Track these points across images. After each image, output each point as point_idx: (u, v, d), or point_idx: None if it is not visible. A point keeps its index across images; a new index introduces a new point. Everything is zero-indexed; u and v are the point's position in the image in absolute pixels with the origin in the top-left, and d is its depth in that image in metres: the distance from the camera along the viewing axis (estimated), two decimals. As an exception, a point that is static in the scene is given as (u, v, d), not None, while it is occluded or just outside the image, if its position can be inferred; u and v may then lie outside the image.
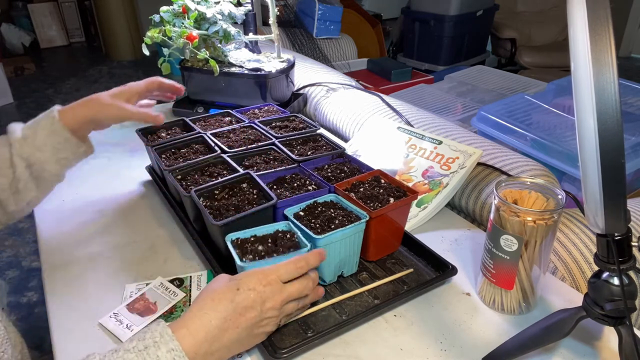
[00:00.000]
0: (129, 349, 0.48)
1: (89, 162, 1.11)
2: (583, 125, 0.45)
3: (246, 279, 0.55)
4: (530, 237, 0.62)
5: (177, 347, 0.48)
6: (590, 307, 0.54)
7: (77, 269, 0.77)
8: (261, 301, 0.54)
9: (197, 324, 0.51)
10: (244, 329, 0.53)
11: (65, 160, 0.78)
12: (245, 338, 0.54)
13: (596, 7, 0.43)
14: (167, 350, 0.47)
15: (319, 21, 2.69)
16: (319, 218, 0.71)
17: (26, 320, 1.83)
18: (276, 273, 0.56)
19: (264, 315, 0.54)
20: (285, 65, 1.25)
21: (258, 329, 0.55)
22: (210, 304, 0.52)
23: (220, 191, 0.77)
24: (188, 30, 1.15)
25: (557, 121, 1.58)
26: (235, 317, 0.52)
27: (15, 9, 5.10)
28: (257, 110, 1.13)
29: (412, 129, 1.02)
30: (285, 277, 0.56)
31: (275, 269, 0.57)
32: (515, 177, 0.67)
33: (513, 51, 3.76)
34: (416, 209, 0.89)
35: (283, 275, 0.56)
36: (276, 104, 1.17)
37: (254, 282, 0.54)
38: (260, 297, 0.54)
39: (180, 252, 0.81)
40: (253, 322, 0.53)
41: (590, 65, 0.43)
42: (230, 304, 0.52)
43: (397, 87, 2.74)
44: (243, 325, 0.53)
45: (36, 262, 2.14)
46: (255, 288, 0.54)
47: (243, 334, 0.53)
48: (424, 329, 0.65)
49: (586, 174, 0.47)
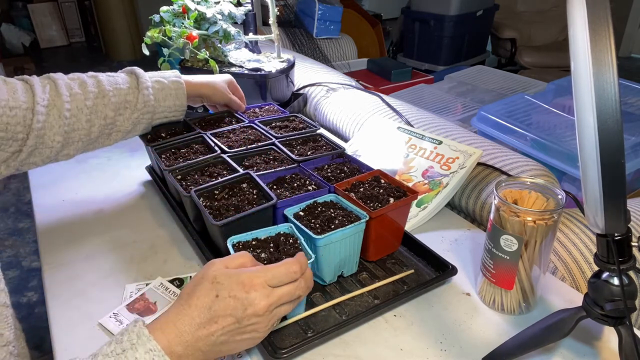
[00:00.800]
0: (107, 354, 0.46)
1: (89, 161, 1.11)
2: (583, 125, 0.45)
3: (228, 283, 0.51)
4: (530, 237, 0.62)
5: (155, 347, 0.47)
6: (590, 307, 0.54)
7: (77, 269, 0.77)
8: (242, 308, 0.50)
9: (170, 327, 0.49)
10: (221, 336, 0.50)
11: (166, 118, 0.93)
12: (225, 344, 0.51)
13: (596, 7, 0.43)
14: (145, 351, 0.46)
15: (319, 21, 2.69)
16: (319, 218, 0.71)
17: (26, 320, 1.83)
18: (264, 277, 0.52)
19: (245, 323, 0.50)
20: (285, 65, 1.25)
21: (241, 336, 0.51)
22: (187, 310, 0.50)
23: (220, 191, 0.77)
24: (188, 30, 1.15)
25: (557, 121, 1.58)
26: (210, 325, 0.49)
27: (15, 9, 5.10)
28: (258, 109, 1.13)
29: (412, 129, 1.02)
30: (274, 282, 0.52)
31: (263, 272, 0.52)
32: (515, 177, 0.67)
33: (513, 51, 3.76)
34: (416, 209, 0.89)
35: (271, 280, 0.52)
36: (276, 104, 1.17)
37: (236, 289, 0.50)
38: (242, 304, 0.50)
39: (180, 252, 0.81)
40: (230, 329, 0.50)
41: (590, 65, 0.43)
42: (207, 312, 0.50)
43: (397, 87, 2.73)
44: (218, 332, 0.50)
45: (36, 262, 2.14)
46: (236, 295, 0.50)
47: (220, 340, 0.50)
48: (424, 329, 0.65)
49: (586, 174, 0.47)
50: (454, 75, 2.63)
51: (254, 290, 0.50)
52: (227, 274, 0.52)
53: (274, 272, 0.52)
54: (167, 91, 0.89)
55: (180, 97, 0.91)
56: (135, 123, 0.87)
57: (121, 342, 0.47)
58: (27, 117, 0.72)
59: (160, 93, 0.89)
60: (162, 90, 0.89)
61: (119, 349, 0.47)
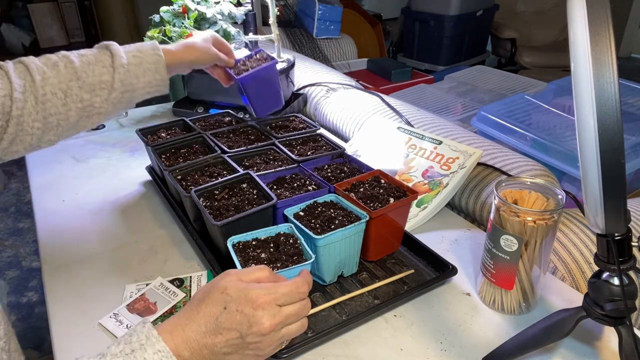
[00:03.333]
0: (115, 354, 0.46)
1: (89, 162, 1.11)
2: (583, 125, 0.45)
3: (237, 296, 0.51)
4: (530, 237, 0.62)
5: (164, 349, 0.47)
6: (590, 307, 0.54)
7: (77, 269, 0.77)
8: (247, 325, 0.50)
9: (179, 331, 0.50)
10: (223, 347, 0.50)
11: (149, 94, 0.84)
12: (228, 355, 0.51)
13: (596, 7, 0.43)
14: (154, 352, 0.47)
15: (319, 21, 2.69)
16: (319, 218, 0.71)
17: (26, 320, 1.83)
18: (273, 296, 0.51)
19: (249, 340, 0.50)
20: (285, 65, 1.25)
21: (244, 351, 0.51)
22: (195, 316, 0.50)
23: (220, 191, 0.77)
24: (188, 30, 1.15)
25: (557, 121, 1.58)
26: (214, 336, 0.50)
27: (15, 9, 5.10)
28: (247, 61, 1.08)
29: (412, 129, 1.02)
30: (283, 301, 0.52)
31: (274, 289, 0.52)
32: (515, 177, 0.67)
33: (513, 51, 3.75)
34: (416, 209, 0.89)
35: (281, 299, 0.51)
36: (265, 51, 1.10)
37: (244, 304, 0.50)
38: (247, 321, 0.50)
39: (180, 253, 0.81)
40: (233, 343, 0.50)
41: (590, 65, 0.43)
42: (213, 322, 0.50)
43: (397, 87, 2.73)
44: (221, 344, 0.50)
45: (36, 262, 2.14)
46: (243, 310, 0.50)
47: (223, 351, 0.50)
48: (424, 329, 0.65)
49: (586, 173, 0.47)
50: (454, 75, 2.63)
51: (261, 308, 0.50)
52: (237, 287, 0.51)
53: (284, 291, 0.52)
54: (145, 66, 0.82)
55: (160, 71, 0.83)
56: (114, 103, 0.80)
57: (130, 342, 0.47)
58: (6, 104, 0.69)
59: (138, 69, 0.81)
60: (139, 66, 0.81)
61: (127, 349, 0.47)
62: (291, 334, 0.53)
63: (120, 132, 1.26)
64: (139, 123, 1.32)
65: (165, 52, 0.84)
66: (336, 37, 2.82)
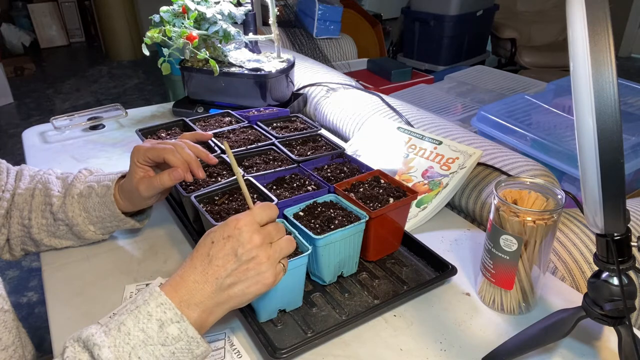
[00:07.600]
0: (122, 312, 0.50)
1: (89, 162, 1.11)
2: (582, 125, 0.45)
3: (219, 229, 0.54)
4: (530, 237, 0.62)
5: (166, 301, 0.50)
6: (589, 307, 0.54)
7: (77, 269, 0.77)
8: (237, 244, 0.52)
9: (177, 280, 0.52)
10: (226, 278, 0.52)
11: (110, 228, 0.79)
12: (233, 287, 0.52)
13: (595, 7, 0.43)
14: (157, 305, 0.49)
15: (319, 21, 2.69)
16: (319, 218, 0.71)
17: (26, 320, 1.83)
18: (250, 214, 0.54)
19: (245, 258, 0.52)
20: (285, 65, 1.25)
21: (246, 274, 0.52)
22: (190, 263, 0.53)
23: (220, 197, 0.77)
24: (188, 30, 1.15)
25: (557, 121, 1.58)
26: (211, 268, 0.52)
27: (15, 9, 5.10)
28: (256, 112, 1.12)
29: (412, 129, 1.02)
30: (260, 217, 0.54)
31: (249, 211, 0.55)
32: (515, 177, 0.67)
33: (513, 51, 3.76)
34: (416, 209, 0.89)
35: (258, 215, 0.54)
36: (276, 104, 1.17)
37: (226, 230, 0.53)
38: (236, 240, 0.52)
39: (180, 253, 0.81)
40: (232, 267, 0.52)
41: (589, 65, 0.43)
42: (207, 258, 0.52)
43: (397, 87, 2.73)
44: (222, 274, 0.51)
45: (36, 262, 2.14)
46: (228, 235, 0.52)
47: (226, 282, 0.52)
48: (424, 329, 0.65)
49: (585, 174, 0.47)
50: (454, 75, 2.63)
51: (243, 225, 0.53)
52: (218, 226, 0.55)
53: (257, 210, 0.55)
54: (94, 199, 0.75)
55: (109, 205, 0.75)
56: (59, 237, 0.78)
57: (135, 301, 0.51)
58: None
59: (88, 201, 0.75)
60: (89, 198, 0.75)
61: (132, 306, 0.50)
62: (282, 248, 0.55)
63: (120, 132, 1.26)
64: (139, 123, 1.32)
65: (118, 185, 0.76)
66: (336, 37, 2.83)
